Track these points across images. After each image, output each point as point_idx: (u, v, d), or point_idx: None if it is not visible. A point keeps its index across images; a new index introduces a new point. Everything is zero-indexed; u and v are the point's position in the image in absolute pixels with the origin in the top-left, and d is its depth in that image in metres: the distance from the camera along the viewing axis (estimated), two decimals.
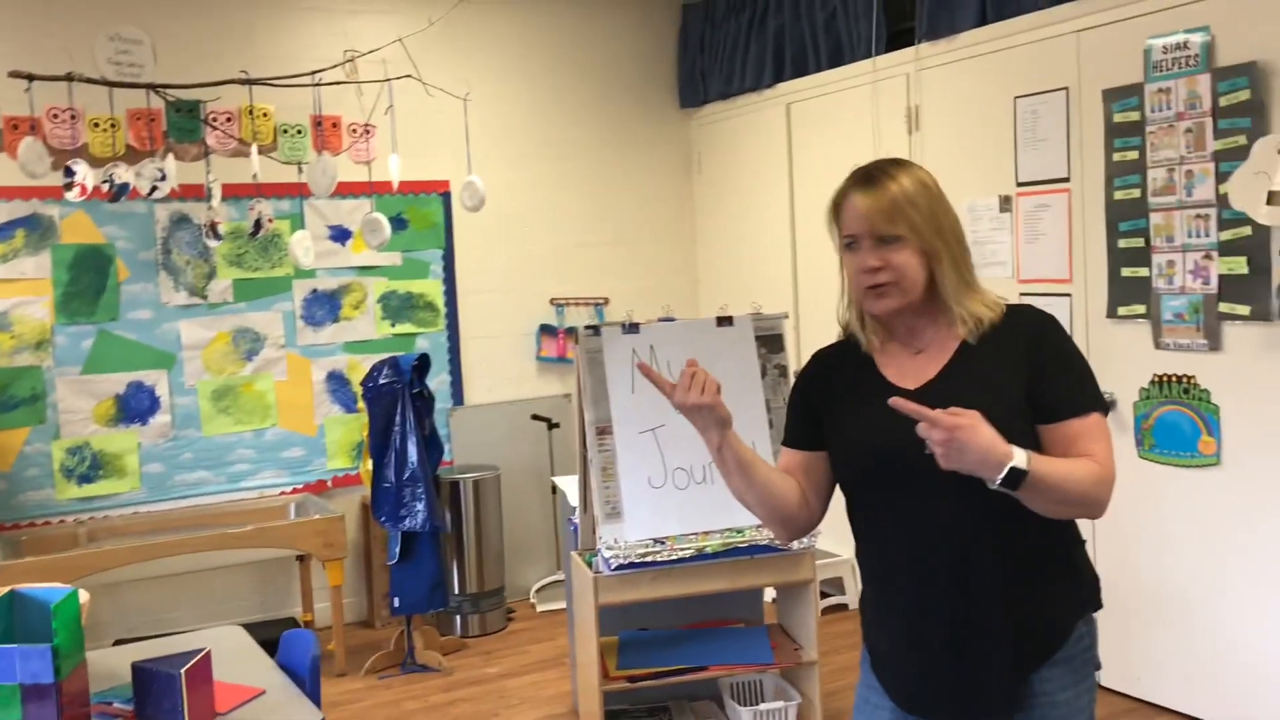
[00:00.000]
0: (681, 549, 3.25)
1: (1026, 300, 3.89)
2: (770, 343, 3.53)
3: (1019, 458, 1.62)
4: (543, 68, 5.50)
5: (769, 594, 4.06)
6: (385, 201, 4.99)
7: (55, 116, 4.42)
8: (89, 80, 4.23)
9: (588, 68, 5.61)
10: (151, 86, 4.38)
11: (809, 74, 5.06)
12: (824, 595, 4.91)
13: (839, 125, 4.92)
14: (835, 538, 4.95)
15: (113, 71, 4.52)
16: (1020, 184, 4.09)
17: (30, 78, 4.10)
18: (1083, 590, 1.86)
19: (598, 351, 3.39)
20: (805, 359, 2.09)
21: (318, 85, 4.46)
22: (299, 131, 4.88)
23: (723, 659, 3.49)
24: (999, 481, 1.61)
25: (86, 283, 4.64)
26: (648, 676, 3.40)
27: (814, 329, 5.13)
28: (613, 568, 3.22)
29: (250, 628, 3.04)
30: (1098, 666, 1.87)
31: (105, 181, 4.28)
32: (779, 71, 5.21)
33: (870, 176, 1.83)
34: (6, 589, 2.51)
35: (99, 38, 4.49)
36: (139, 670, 2.31)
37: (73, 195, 4.23)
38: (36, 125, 4.36)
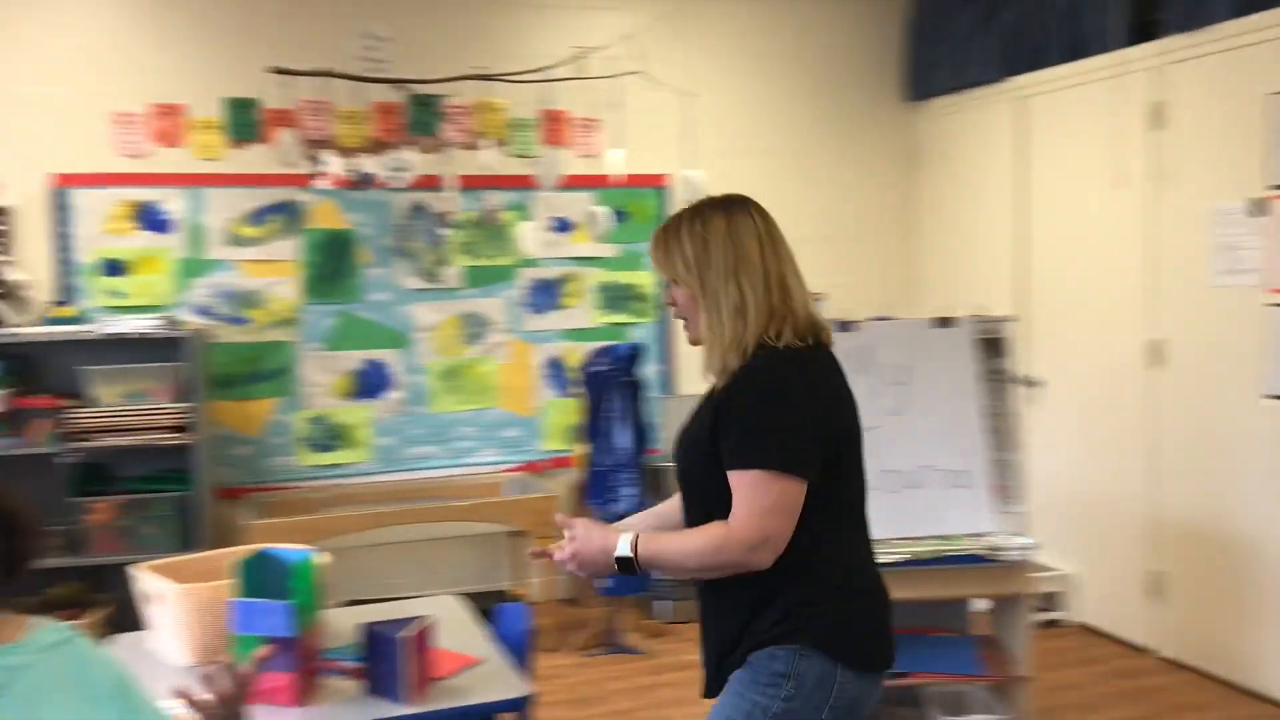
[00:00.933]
0: (891, 554, 3.20)
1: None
2: (992, 346, 3.42)
3: (621, 547, 1.89)
4: (765, 61, 5.50)
5: (976, 604, 3.94)
6: (607, 194, 5.11)
7: (309, 109, 4.74)
8: (341, 76, 4.51)
9: (810, 60, 5.56)
10: (396, 81, 4.63)
11: (1045, 67, 4.85)
12: (1040, 610, 4.73)
13: (1075, 122, 4.70)
14: (1056, 551, 4.77)
15: (362, 67, 4.81)
16: (1272, 186, 3.80)
17: (290, 74, 4.41)
18: (781, 623, 1.90)
19: None
20: (1034, 364, 2.09)
21: (548, 81, 4.61)
22: (529, 125, 5.05)
23: (929, 667, 3.41)
24: (619, 571, 1.90)
25: (331, 265, 4.96)
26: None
27: (1043, 333, 4.93)
28: None
29: (464, 598, 3.18)
30: (777, 678, 1.89)
31: (352, 171, 4.57)
32: (1013, 64, 5.03)
33: (663, 224, 2.06)
34: (256, 548, 2.74)
35: (351, 36, 4.79)
36: (367, 631, 2.46)
37: (322, 184, 4.53)
38: (293, 118, 4.69)
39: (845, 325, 3.39)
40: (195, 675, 1.95)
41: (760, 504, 1.84)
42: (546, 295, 5.22)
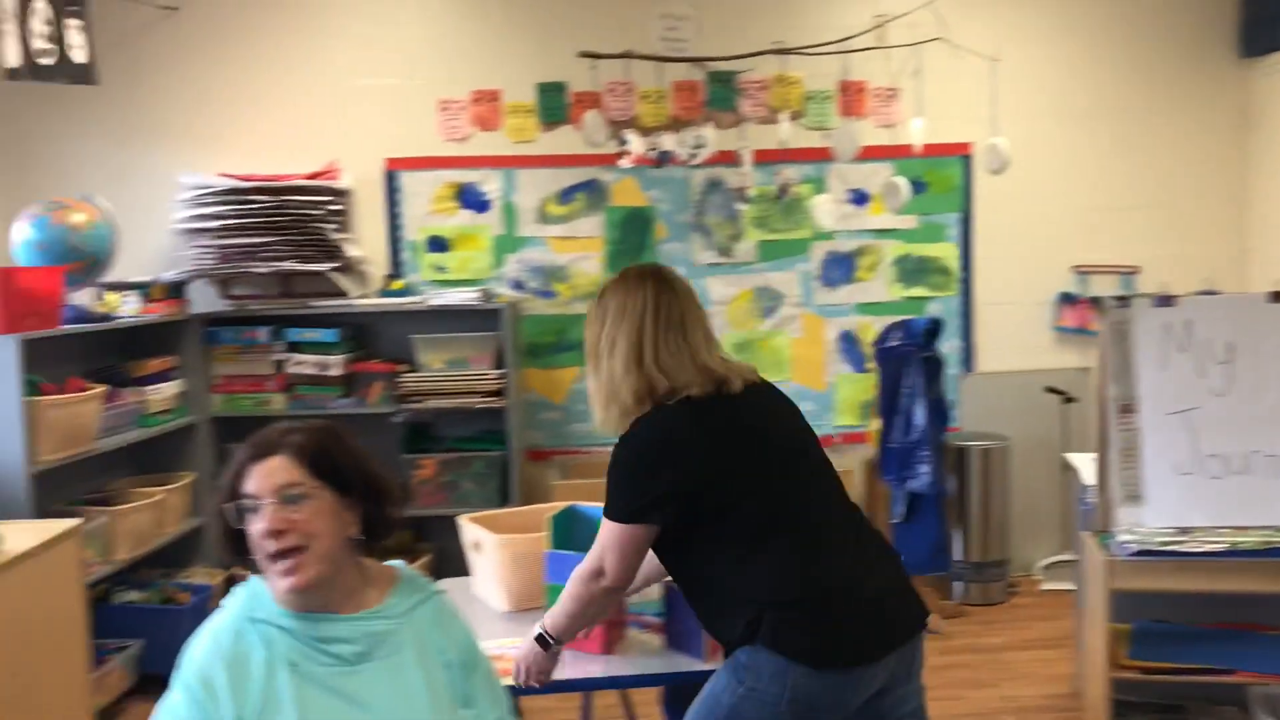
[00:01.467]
0: (1211, 542, 3.00)
1: None
2: None
3: (535, 630, 2.32)
4: (1077, 19, 5.19)
5: None
6: (905, 165, 5.02)
7: (613, 90, 4.93)
8: (644, 56, 4.66)
9: (1129, 15, 5.20)
10: (695, 60, 4.74)
11: None
12: None
13: None
14: None
15: (663, 47, 4.94)
16: None
17: (597, 57, 4.61)
18: (734, 629, 2.13)
19: (1124, 324, 3.19)
20: None
21: (846, 52, 4.57)
22: (826, 97, 5.04)
23: (1255, 665, 3.17)
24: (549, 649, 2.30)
25: (631, 241, 5.15)
26: (1165, 671, 3.19)
27: None
28: (1130, 553, 3.05)
29: None
30: (738, 669, 2.12)
31: (652, 149, 4.72)
32: None
33: None
34: (566, 504, 2.92)
35: (653, 17, 4.93)
36: (669, 589, 2.57)
37: (625, 162, 4.71)
38: (598, 99, 4.89)
39: (1165, 299, 3.19)
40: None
41: (600, 543, 2.22)
42: (841, 268, 5.19)
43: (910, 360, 4.45)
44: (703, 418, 2.18)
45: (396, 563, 1.93)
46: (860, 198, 5.16)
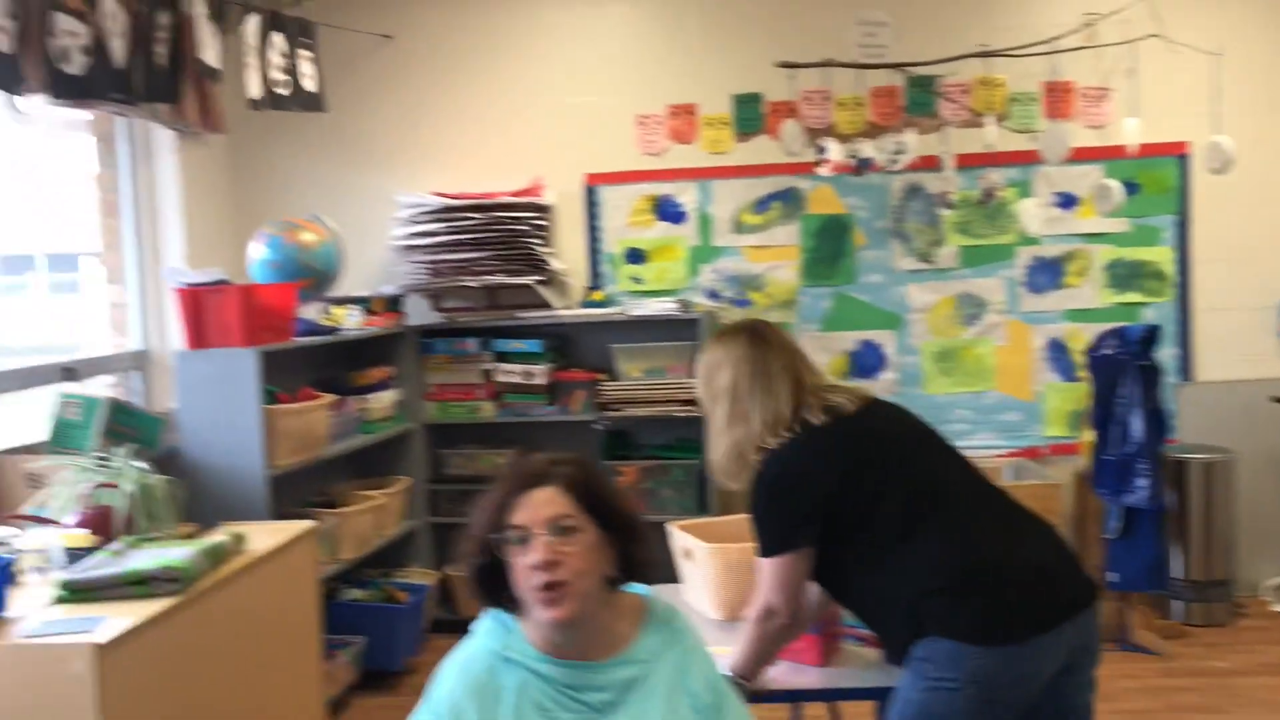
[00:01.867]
0: None
1: None
2: None
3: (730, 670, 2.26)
4: None
5: None
6: (1116, 166, 4.82)
7: (810, 99, 4.92)
8: (842, 65, 4.63)
9: None
10: (894, 66, 4.68)
11: None
12: None
13: None
14: None
15: (860, 54, 4.89)
16: None
17: (794, 66, 4.61)
18: (904, 627, 2.17)
19: None
20: None
21: (1054, 53, 4.43)
22: (1031, 99, 4.90)
23: None
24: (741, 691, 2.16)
25: (828, 249, 5.12)
26: None
27: None
28: None
29: None
30: (947, 682, 2.09)
31: (851, 156, 4.69)
32: None
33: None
34: None
35: (850, 24, 4.90)
36: None
37: (823, 171, 4.70)
38: (794, 108, 4.90)
39: None
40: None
41: (762, 584, 2.29)
42: (1048, 274, 5.03)
43: (1126, 369, 4.27)
44: (819, 436, 2.30)
45: (641, 589, 1.89)
46: (1068, 201, 4.99)
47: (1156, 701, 3.85)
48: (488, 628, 1.81)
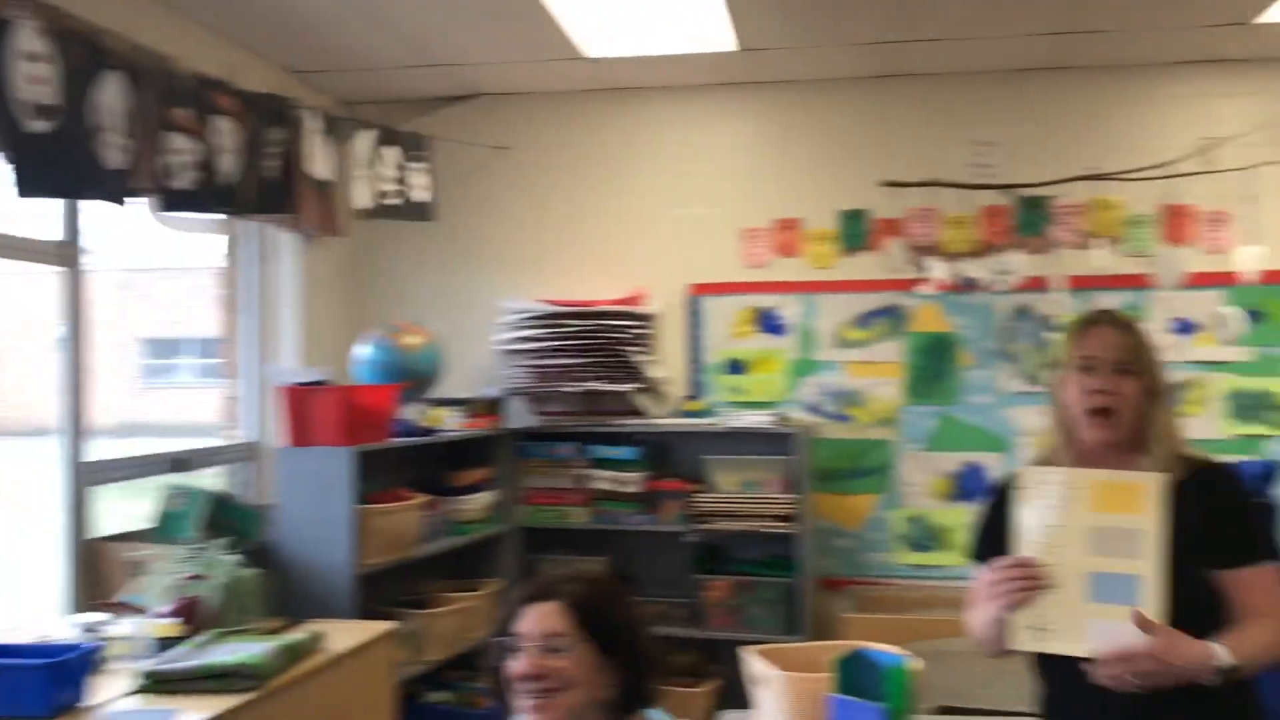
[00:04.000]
0: None
1: None
2: None
3: (1220, 655, 1.82)
4: None
5: None
6: (1239, 293, 4.65)
7: (916, 218, 4.91)
8: (949, 185, 4.61)
9: None
10: (1004, 186, 4.64)
11: None
12: None
13: None
14: None
15: (970, 174, 4.88)
16: None
17: (900, 185, 4.61)
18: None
19: None
20: None
21: (1169, 177, 4.33)
22: (1146, 222, 4.78)
23: None
24: (1210, 676, 1.80)
25: (933, 367, 5.03)
26: None
27: None
28: None
29: None
30: None
31: (956, 275, 4.63)
32: None
33: (1119, 317, 2.15)
34: (854, 645, 2.85)
35: (960, 144, 4.89)
36: None
37: (927, 289, 4.65)
38: (901, 226, 4.88)
39: None
40: None
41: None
42: None
43: None
44: None
45: (654, 713, 1.91)
46: (1186, 327, 4.81)
47: None
48: None
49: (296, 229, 4.40)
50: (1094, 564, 1.92)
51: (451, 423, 4.60)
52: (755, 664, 3.05)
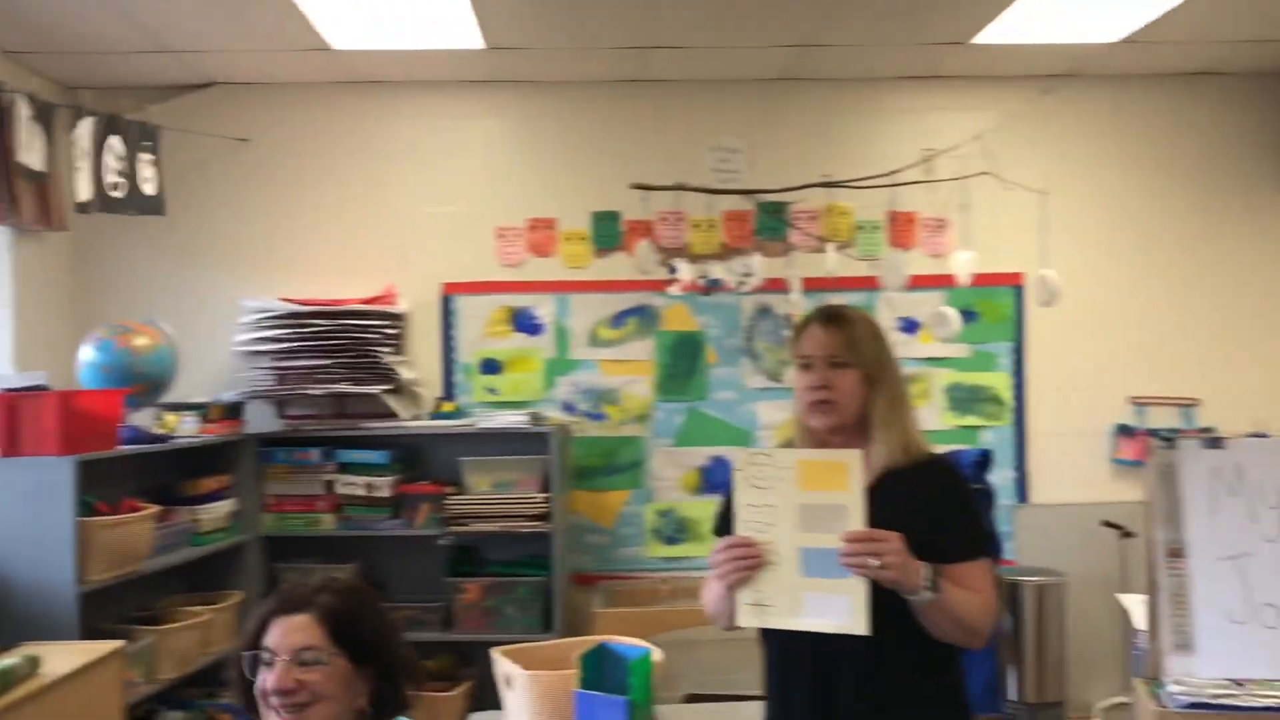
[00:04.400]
0: (1268, 695, 2.87)
1: None
2: None
3: (931, 574, 1.96)
4: (1128, 154, 5.21)
5: None
6: (956, 294, 5.01)
7: (664, 219, 5.04)
8: (694, 189, 4.76)
9: (1184, 154, 5.21)
10: (746, 191, 4.82)
11: None
12: None
13: None
14: None
15: (714, 179, 5.04)
16: None
17: (648, 189, 4.72)
18: (949, 702, 2.17)
19: (1172, 466, 3.12)
20: None
21: (894, 186, 4.63)
22: (875, 228, 5.10)
23: None
24: (921, 588, 1.94)
25: (681, 365, 5.18)
26: None
27: None
28: (1181, 705, 2.92)
29: None
30: None
31: (702, 277, 4.79)
32: None
33: (832, 314, 2.21)
34: (598, 640, 2.89)
35: (705, 150, 5.05)
36: None
37: (674, 290, 4.78)
38: (650, 228, 5.00)
39: (1214, 441, 3.12)
40: None
41: (992, 586, 2.15)
42: None
43: None
44: None
45: None
46: (910, 326, 5.15)
47: None
48: None
49: (7, 222, 4.06)
50: (805, 540, 2.00)
51: (187, 428, 4.37)
52: (504, 664, 3.05)
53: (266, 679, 1.70)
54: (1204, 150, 5.22)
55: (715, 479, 5.14)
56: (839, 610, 1.96)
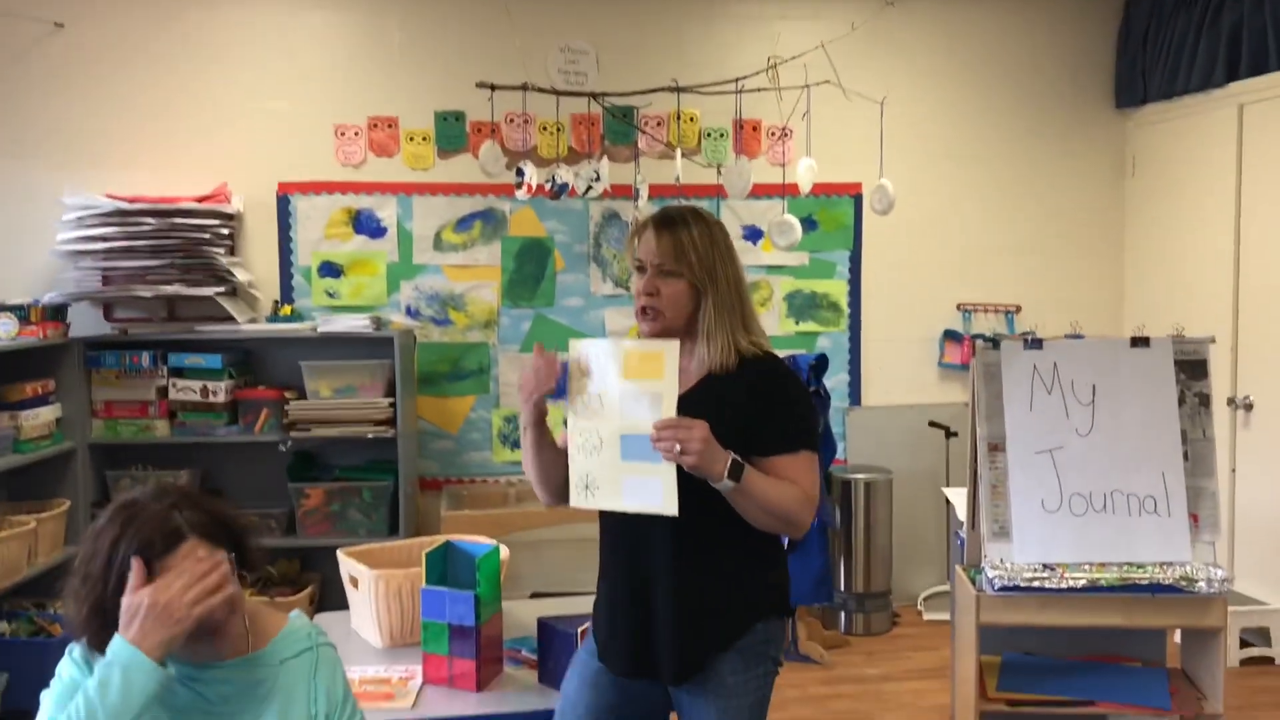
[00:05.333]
0: (1073, 578, 3.11)
1: None
2: (1191, 369, 3.27)
3: (735, 460, 2.00)
4: (963, 70, 5.39)
5: (1178, 635, 3.77)
6: (797, 203, 5.13)
7: (511, 121, 4.97)
8: (541, 90, 4.70)
9: (1013, 68, 5.42)
10: (593, 95, 4.79)
11: (1268, 72, 4.58)
12: (1245, 644, 4.47)
13: None
14: (1269, 584, 4.50)
15: (561, 80, 5.00)
16: None
17: (493, 88, 4.63)
18: (765, 597, 2.20)
19: (994, 365, 3.31)
20: (1245, 386, 2.15)
21: (740, 92, 4.66)
22: (721, 135, 5.14)
23: (1114, 696, 3.28)
24: (725, 474, 1.98)
25: (528, 270, 5.16)
26: (1030, 703, 3.29)
27: (1255, 354, 4.66)
28: (996, 588, 3.14)
29: None
30: (777, 663, 2.22)
31: (549, 181, 4.75)
32: (1232, 70, 4.76)
33: (668, 219, 2.19)
34: (445, 539, 2.91)
35: (551, 49, 4.99)
36: (543, 624, 2.59)
37: (521, 194, 4.73)
38: (496, 129, 4.92)
39: (1033, 342, 3.31)
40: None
41: (814, 478, 2.14)
42: None
43: None
44: None
45: (294, 613, 1.93)
46: (754, 234, 5.25)
47: (816, 710, 4.10)
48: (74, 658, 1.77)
49: None
50: (625, 426, 2.08)
51: (5, 331, 4.13)
52: (349, 565, 3.04)
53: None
54: (1033, 66, 5.43)
55: (561, 384, 5.15)
56: (653, 493, 2.05)
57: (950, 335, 5.39)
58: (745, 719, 2.16)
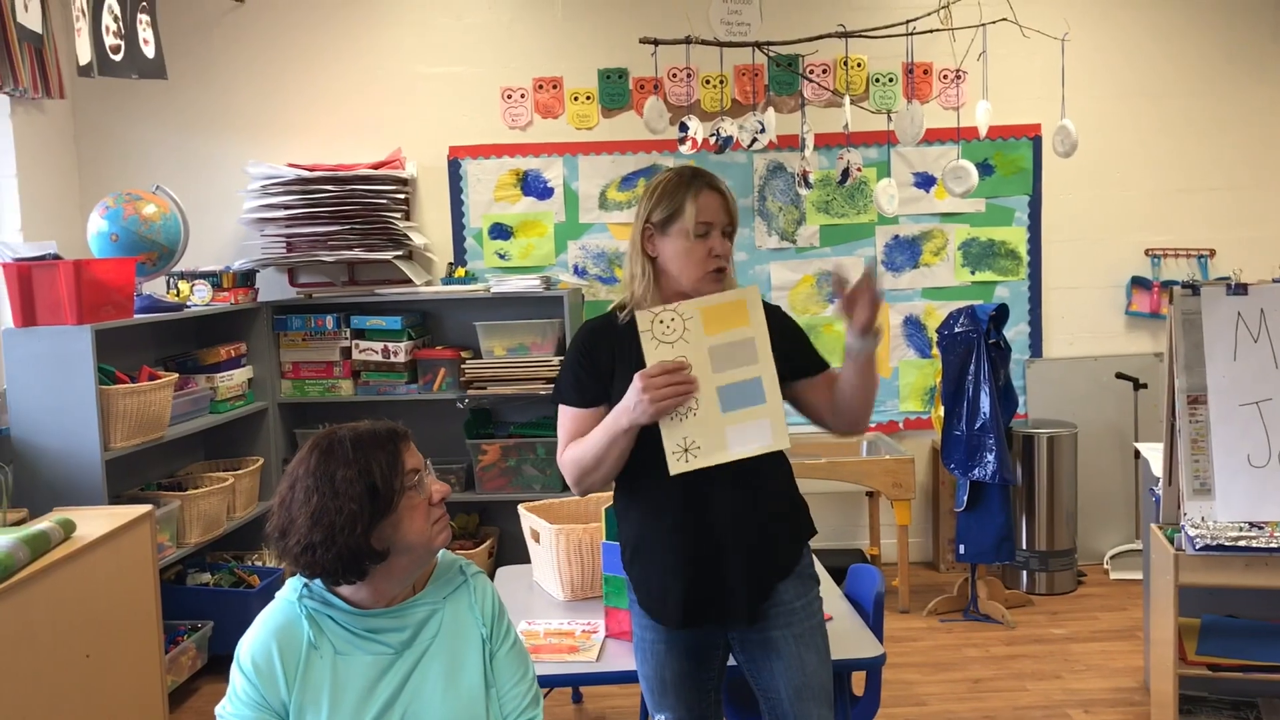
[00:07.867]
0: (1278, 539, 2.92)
1: None
2: None
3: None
4: (1149, 2, 5.06)
5: None
6: (971, 147, 4.93)
7: (674, 76, 4.92)
8: (704, 42, 4.63)
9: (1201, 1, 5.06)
10: (757, 44, 4.70)
11: None
12: None
13: None
14: None
15: (724, 32, 4.93)
16: None
17: (656, 43, 4.59)
18: (805, 519, 2.35)
19: (1194, 313, 3.11)
20: None
21: (911, 35, 4.50)
22: (890, 80, 4.98)
23: None
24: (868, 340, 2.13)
25: None
26: (1234, 668, 3.12)
27: None
28: (1198, 547, 2.98)
29: (819, 554, 3.23)
30: (817, 580, 2.33)
31: (713, 135, 4.69)
32: None
33: (713, 180, 2.22)
34: None
35: (713, 2, 4.91)
36: None
37: (685, 149, 4.69)
38: (659, 85, 4.89)
39: (1237, 288, 3.10)
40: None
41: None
42: (906, 253, 5.13)
43: (975, 346, 4.38)
44: None
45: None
46: (926, 181, 5.08)
47: (999, 669, 3.98)
48: (292, 587, 1.86)
49: (4, 90, 3.96)
50: (721, 379, 2.09)
51: (199, 297, 4.35)
52: (530, 519, 3.11)
53: (433, 491, 1.84)
54: None
55: None
56: (761, 433, 2.09)
57: (1138, 282, 5.11)
58: (820, 636, 2.25)
